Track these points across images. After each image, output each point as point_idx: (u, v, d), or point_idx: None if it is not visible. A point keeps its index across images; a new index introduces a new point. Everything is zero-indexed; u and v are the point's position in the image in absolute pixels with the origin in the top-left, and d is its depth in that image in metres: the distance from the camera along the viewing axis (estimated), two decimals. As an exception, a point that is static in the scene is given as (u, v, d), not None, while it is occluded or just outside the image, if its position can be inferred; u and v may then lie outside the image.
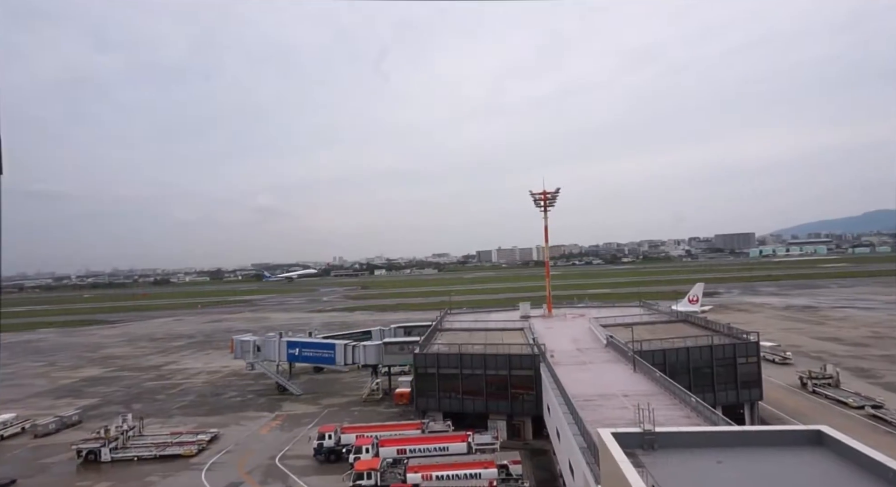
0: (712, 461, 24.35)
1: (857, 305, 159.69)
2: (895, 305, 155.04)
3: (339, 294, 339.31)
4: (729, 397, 60.47)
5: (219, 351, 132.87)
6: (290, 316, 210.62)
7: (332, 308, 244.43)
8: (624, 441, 25.28)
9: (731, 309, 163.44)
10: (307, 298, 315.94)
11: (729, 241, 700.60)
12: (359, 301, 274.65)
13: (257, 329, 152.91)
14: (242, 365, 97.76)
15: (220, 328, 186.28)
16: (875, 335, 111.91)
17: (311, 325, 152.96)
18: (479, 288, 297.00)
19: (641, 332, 68.46)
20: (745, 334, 64.87)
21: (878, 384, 75.64)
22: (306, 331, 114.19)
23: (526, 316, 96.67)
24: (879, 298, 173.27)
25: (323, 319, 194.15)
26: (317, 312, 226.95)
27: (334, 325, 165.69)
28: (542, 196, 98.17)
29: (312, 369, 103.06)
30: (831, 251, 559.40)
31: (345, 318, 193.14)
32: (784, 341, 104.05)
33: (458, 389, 64.25)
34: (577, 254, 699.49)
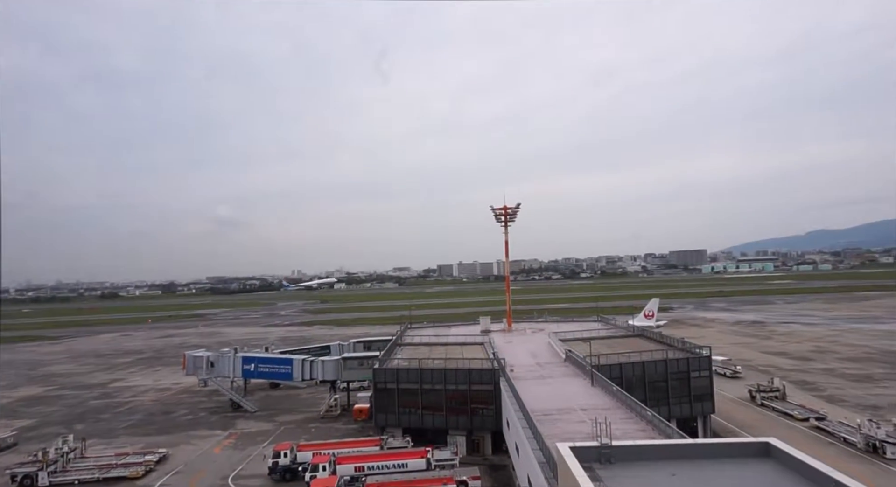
0: (667, 473, 24.82)
1: (801, 321, 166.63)
2: (836, 321, 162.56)
3: (298, 308, 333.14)
4: (683, 410, 61.89)
5: (169, 367, 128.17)
6: (245, 331, 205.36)
7: (289, 322, 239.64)
8: (582, 456, 25.55)
9: (685, 323, 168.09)
10: (264, 312, 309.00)
11: (683, 258, 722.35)
12: (317, 315, 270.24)
13: (211, 344, 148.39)
14: (194, 382, 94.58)
15: (171, 343, 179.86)
16: (818, 349, 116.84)
17: (268, 340, 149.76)
18: (439, 303, 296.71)
19: (599, 347, 69.58)
20: (697, 349, 66.66)
21: (821, 396, 78.82)
22: (263, 346, 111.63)
23: (486, 331, 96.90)
24: (821, 314, 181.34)
25: (280, 334, 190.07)
26: (274, 327, 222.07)
27: (292, 340, 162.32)
28: (503, 211, 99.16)
29: (268, 385, 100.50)
30: (777, 268, 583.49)
31: (303, 333, 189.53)
32: (734, 355, 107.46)
33: (417, 404, 63.68)
34: (536, 269, 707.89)
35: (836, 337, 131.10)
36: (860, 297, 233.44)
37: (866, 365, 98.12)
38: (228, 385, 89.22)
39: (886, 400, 75.22)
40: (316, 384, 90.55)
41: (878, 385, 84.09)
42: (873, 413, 67.06)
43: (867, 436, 55.89)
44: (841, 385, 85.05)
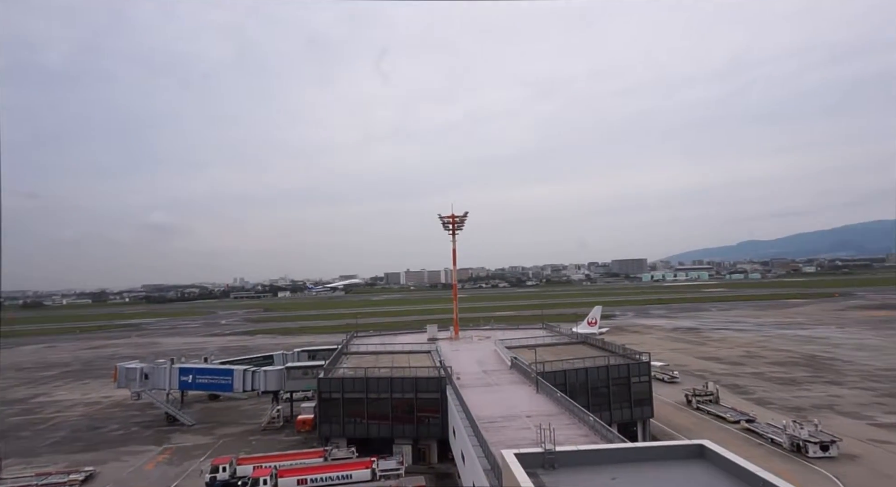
0: (608, 477, 25.37)
1: (733, 327, 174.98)
2: (764, 327, 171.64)
3: (239, 317, 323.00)
4: (624, 415, 63.63)
5: (99, 380, 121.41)
6: (183, 341, 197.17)
7: (230, 331, 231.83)
8: (526, 462, 25.78)
9: (626, 330, 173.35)
10: (203, 321, 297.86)
11: (624, 267, 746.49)
12: (260, 324, 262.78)
13: (146, 355, 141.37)
14: (127, 395, 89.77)
15: (101, 355, 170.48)
16: (748, 354, 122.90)
17: (208, 350, 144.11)
18: (386, 311, 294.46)
19: (544, 354, 70.72)
20: (638, 355, 68.81)
21: (751, 399, 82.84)
22: (201, 357, 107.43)
23: (433, 339, 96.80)
24: (752, 321, 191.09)
25: (220, 343, 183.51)
26: (214, 336, 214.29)
27: (233, 350, 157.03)
28: (451, 219, 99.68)
29: (207, 397, 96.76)
30: (712, 277, 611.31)
31: (245, 342, 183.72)
32: (672, 361, 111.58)
33: (363, 414, 62.78)
34: (483, 277, 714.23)
35: (764, 343, 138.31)
36: (786, 305, 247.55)
37: (791, 369, 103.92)
38: (164, 397, 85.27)
39: (809, 401, 79.83)
40: (258, 395, 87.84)
41: (802, 387, 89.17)
42: (797, 414, 70.98)
43: (792, 437, 59.04)
44: (768, 388, 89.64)
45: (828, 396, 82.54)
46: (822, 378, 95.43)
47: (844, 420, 69.24)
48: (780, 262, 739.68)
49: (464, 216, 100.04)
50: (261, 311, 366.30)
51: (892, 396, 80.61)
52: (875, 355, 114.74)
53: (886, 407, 74.89)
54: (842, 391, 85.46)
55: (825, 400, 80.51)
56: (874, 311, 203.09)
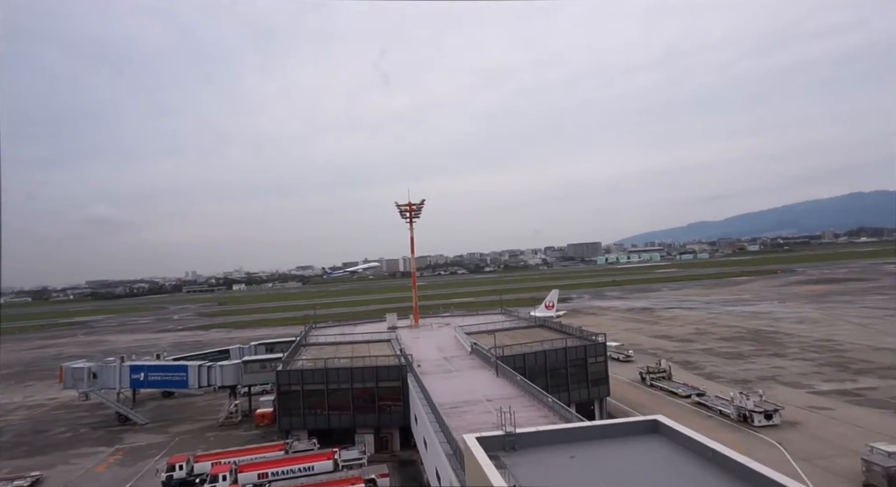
0: (567, 456, 25.90)
1: (683, 306, 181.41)
2: (713, 305, 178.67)
3: (192, 311, 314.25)
4: (581, 395, 65.20)
5: (44, 381, 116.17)
6: (133, 338, 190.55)
7: (183, 327, 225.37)
8: (487, 445, 26.03)
9: (583, 312, 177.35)
10: (154, 317, 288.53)
11: (580, 250, 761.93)
12: (215, 318, 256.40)
13: (93, 354, 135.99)
14: (74, 396, 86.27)
15: (45, 355, 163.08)
16: (698, 331, 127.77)
17: (160, 346, 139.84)
18: (345, 301, 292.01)
19: (503, 338, 71.54)
20: (594, 336, 70.45)
21: (701, 374, 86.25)
22: (153, 353, 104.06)
23: (393, 327, 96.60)
24: (701, 299, 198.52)
25: (173, 339, 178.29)
26: (166, 332, 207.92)
27: (186, 345, 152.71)
28: (408, 207, 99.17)
29: (161, 394, 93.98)
30: (663, 258, 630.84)
31: (199, 337, 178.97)
32: (626, 340, 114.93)
33: (323, 405, 62.19)
34: (442, 265, 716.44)
35: (713, 320, 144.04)
36: (732, 282, 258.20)
37: (738, 344, 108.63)
38: (114, 397, 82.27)
39: (754, 374, 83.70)
40: (214, 390, 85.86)
41: (748, 361, 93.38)
42: (744, 386, 74.32)
43: (739, 408, 61.82)
44: (717, 363, 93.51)
45: (771, 368, 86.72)
46: (767, 351, 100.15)
47: (786, 390, 72.96)
48: (726, 242, 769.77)
49: (421, 204, 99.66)
50: (215, 305, 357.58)
51: (829, 365, 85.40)
52: (814, 327, 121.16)
53: (824, 376, 79.30)
54: (784, 362, 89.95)
55: (769, 371, 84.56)
56: (813, 286, 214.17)
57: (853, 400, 66.83)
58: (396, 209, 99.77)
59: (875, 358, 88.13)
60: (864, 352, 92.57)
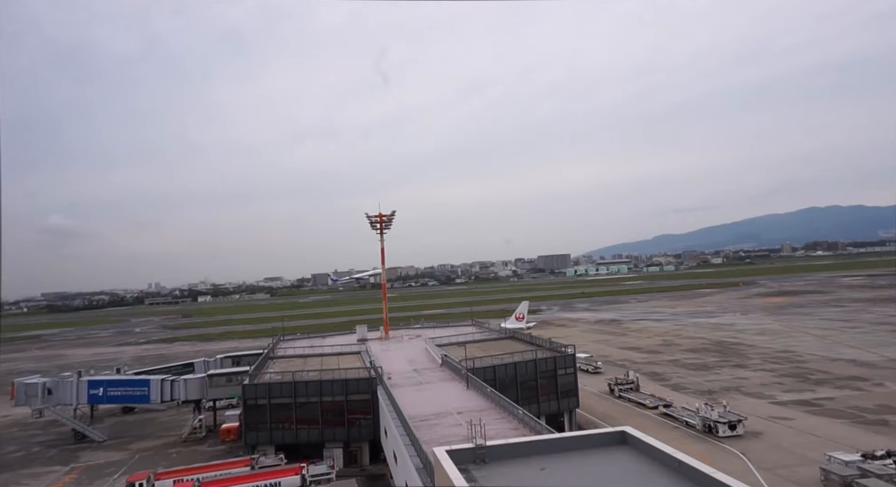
0: (537, 468, 25.95)
1: (651, 318, 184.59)
2: (679, 316, 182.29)
3: (155, 324, 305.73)
4: (551, 406, 65.52)
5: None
6: (92, 352, 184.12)
7: (146, 340, 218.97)
8: (458, 458, 25.92)
9: (552, 324, 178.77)
10: (115, 330, 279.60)
11: (549, 262, 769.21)
12: (179, 331, 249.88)
13: (49, 368, 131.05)
14: (27, 413, 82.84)
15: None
16: (665, 343, 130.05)
17: (121, 360, 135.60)
18: (314, 313, 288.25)
19: (474, 350, 71.58)
20: (563, 348, 71.00)
21: (668, 385, 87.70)
22: (114, 368, 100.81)
23: (363, 339, 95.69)
24: (667, 311, 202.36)
25: (135, 353, 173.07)
26: (127, 345, 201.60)
27: (149, 359, 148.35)
28: (379, 218, 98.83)
29: (121, 410, 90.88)
30: (631, 270, 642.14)
31: (162, 351, 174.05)
32: (595, 352, 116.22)
33: (291, 419, 61.02)
34: (413, 276, 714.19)
35: (679, 331, 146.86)
36: (697, 294, 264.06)
37: (703, 355, 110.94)
38: (70, 413, 79.19)
39: (719, 384, 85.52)
40: (178, 405, 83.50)
41: (712, 372, 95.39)
42: (709, 397, 75.79)
43: (704, 418, 63.01)
44: (683, 374, 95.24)
45: (735, 378, 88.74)
46: (730, 362, 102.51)
47: (749, 400, 74.71)
48: (691, 254, 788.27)
49: (391, 215, 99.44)
50: (179, 317, 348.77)
51: (789, 376, 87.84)
52: (774, 338, 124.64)
53: (784, 386, 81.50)
54: (747, 373, 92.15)
55: (733, 382, 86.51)
56: (772, 298, 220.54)
57: (812, 410, 68.81)
58: (367, 220, 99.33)
59: (832, 368, 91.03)
60: (821, 363, 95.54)
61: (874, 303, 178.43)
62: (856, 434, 58.34)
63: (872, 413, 66.00)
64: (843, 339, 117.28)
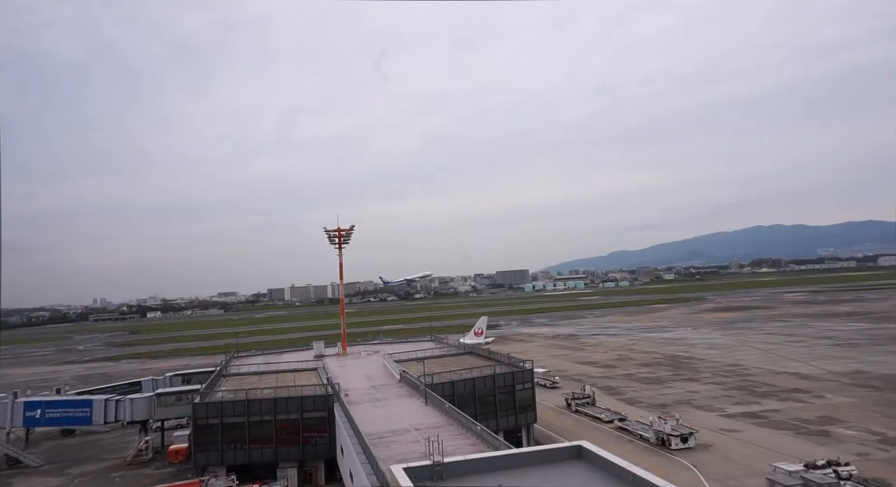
0: (494, 484, 25.94)
1: (606, 332, 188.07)
2: (633, 331, 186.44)
3: (100, 341, 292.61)
4: (509, 422, 65.68)
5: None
6: (30, 372, 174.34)
7: (90, 358, 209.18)
8: (415, 475, 25.69)
9: (511, 339, 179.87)
10: (56, 348, 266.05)
11: (508, 277, 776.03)
12: (126, 348, 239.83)
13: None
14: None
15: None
16: (619, 357, 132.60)
17: (61, 380, 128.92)
18: (270, 329, 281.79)
19: (432, 366, 71.24)
20: (521, 363, 71.51)
21: (623, 399, 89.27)
22: (53, 388, 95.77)
23: (320, 356, 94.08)
24: (622, 325, 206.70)
25: (77, 372, 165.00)
26: (69, 364, 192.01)
27: (93, 378, 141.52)
28: (337, 233, 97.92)
29: (60, 432, 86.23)
30: (587, 285, 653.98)
31: (107, 369, 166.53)
32: (553, 367, 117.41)
33: (244, 439, 59.14)
34: (372, 291, 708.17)
35: (633, 346, 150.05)
36: (651, 310, 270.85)
37: (656, 369, 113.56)
38: (3, 437, 74.60)
39: (671, 398, 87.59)
40: (122, 426, 79.83)
41: (665, 385, 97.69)
42: (662, 410, 77.48)
43: (657, 432, 64.33)
44: (638, 388, 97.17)
45: (686, 392, 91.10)
46: (682, 375, 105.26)
47: (700, 413, 76.75)
48: (645, 271, 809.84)
49: (350, 229, 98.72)
50: (126, 334, 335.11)
51: (737, 389, 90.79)
52: (723, 352, 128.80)
53: (733, 399, 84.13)
54: (698, 386, 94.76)
55: (684, 395, 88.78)
56: (721, 313, 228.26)
57: (759, 422, 71.19)
58: (325, 234, 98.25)
59: (777, 381, 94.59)
60: (767, 376, 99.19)
61: (815, 318, 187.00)
62: (799, 445, 60.63)
63: (814, 424, 68.78)
64: (786, 353, 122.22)
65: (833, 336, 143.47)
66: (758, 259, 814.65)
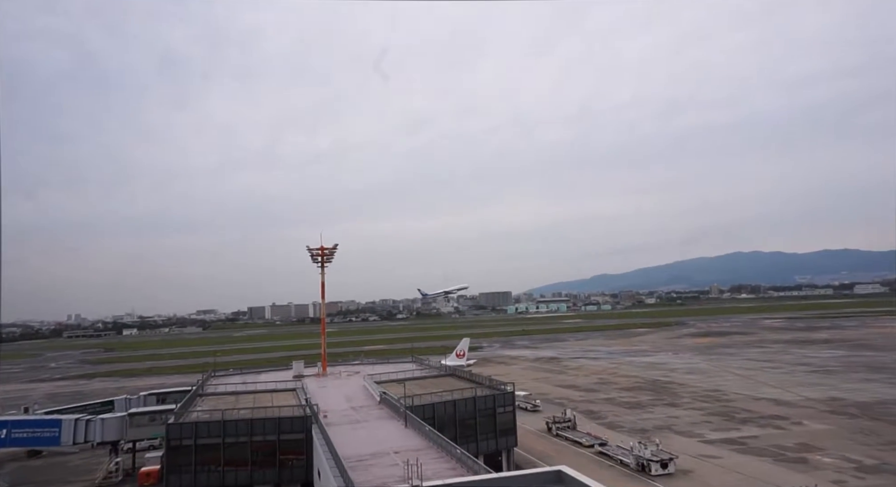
0: (473, 509, 25.64)
1: (588, 356, 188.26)
2: (615, 355, 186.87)
3: (74, 358, 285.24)
4: (490, 445, 65.00)
5: None
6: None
7: (61, 376, 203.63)
8: (393, 500, 25.28)
9: (493, 361, 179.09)
10: (27, 365, 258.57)
11: (491, 299, 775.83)
12: (100, 366, 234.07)
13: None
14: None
15: None
16: (601, 381, 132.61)
17: (31, 398, 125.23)
18: (249, 347, 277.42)
19: (413, 387, 70.52)
20: (503, 385, 71.08)
21: (604, 423, 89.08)
22: (21, 407, 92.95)
23: (299, 376, 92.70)
24: (604, 349, 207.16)
25: (48, 390, 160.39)
26: (39, 382, 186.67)
27: (64, 397, 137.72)
28: (320, 251, 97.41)
29: (26, 453, 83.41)
30: (570, 308, 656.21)
31: (80, 388, 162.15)
32: (534, 390, 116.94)
33: (219, 461, 57.68)
34: (354, 311, 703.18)
35: (614, 370, 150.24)
36: (632, 334, 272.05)
37: (637, 394, 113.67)
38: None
39: (651, 423, 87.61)
40: (92, 447, 77.49)
41: (646, 410, 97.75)
42: (642, 435, 77.41)
43: (637, 457, 64.17)
44: (619, 412, 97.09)
45: (667, 417, 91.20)
46: (663, 400, 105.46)
47: (680, 439, 76.80)
48: (627, 294, 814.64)
49: (333, 248, 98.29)
50: (101, 351, 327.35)
51: (717, 415, 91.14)
52: (703, 378, 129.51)
53: (713, 425, 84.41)
54: (678, 412, 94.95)
55: (665, 420, 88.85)
56: (701, 338, 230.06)
57: (738, 449, 71.39)
58: (308, 252, 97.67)
59: (756, 407, 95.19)
60: (746, 402, 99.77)
61: (792, 345, 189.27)
62: (778, 472, 60.84)
63: (792, 451, 69.16)
64: (765, 379, 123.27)
65: (810, 362, 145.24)
66: (737, 284, 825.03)
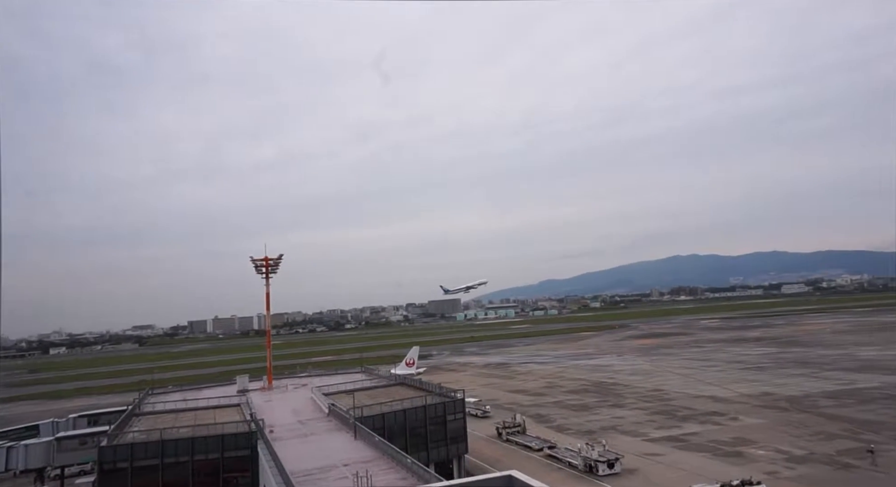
0: (425, 519, 25.39)
1: (536, 361, 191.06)
2: (561, 359, 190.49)
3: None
4: (440, 453, 64.74)
5: None
6: None
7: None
8: (342, 515, 24.73)
9: (443, 369, 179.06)
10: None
11: (440, 307, 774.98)
12: (24, 388, 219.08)
13: None
14: None
15: None
16: (549, 385, 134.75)
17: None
18: (190, 363, 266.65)
19: (362, 398, 69.60)
20: (453, 393, 71.08)
21: (552, 427, 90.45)
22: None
23: (244, 390, 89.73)
24: (551, 353, 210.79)
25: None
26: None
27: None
28: (264, 262, 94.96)
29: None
30: (518, 314, 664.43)
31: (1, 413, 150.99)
32: (484, 396, 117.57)
33: (157, 483, 54.80)
34: (301, 322, 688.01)
35: (561, 373, 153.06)
36: (578, 337, 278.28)
37: (583, 396, 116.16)
38: None
39: (598, 424, 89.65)
40: (14, 475, 72.17)
41: (592, 412, 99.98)
42: (589, 437, 78.97)
43: (585, 458, 65.45)
44: (566, 415, 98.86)
45: (613, 418, 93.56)
46: (608, 402, 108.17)
47: (626, 438, 78.91)
48: (572, 299, 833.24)
49: (278, 259, 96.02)
50: (25, 373, 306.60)
51: (660, 414, 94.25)
52: (646, 378, 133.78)
53: (656, 424, 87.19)
54: (623, 412, 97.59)
55: (611, 421, 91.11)
56: (643, 340, 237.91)
57: (679, 446, 73.99)
58: (252, 263, 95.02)
59: (695, 405, 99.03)
60: (686, 400, 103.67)
61: (728, 344, 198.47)
62: (716, 466, 63.39)
63: (729, 445, 72.26)
64: (703, 377, 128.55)
65: (744, 360, 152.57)
66: (677, 287, 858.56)
